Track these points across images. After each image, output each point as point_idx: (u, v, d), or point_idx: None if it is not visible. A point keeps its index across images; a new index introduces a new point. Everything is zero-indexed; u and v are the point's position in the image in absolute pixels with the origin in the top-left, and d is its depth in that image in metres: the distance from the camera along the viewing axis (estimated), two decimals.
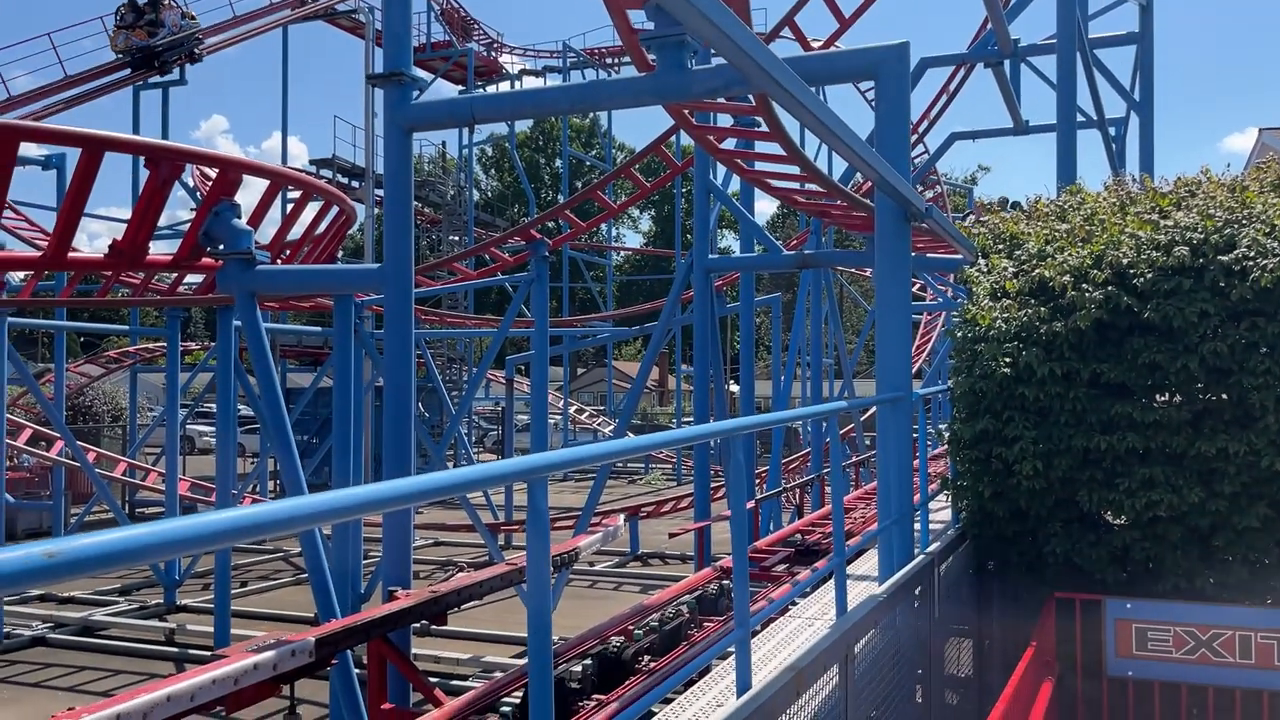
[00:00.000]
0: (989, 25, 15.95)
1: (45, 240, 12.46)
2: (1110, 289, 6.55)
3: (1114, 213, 7.30)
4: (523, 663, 7.95)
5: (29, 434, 18.68)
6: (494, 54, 37.67)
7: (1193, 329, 6.37)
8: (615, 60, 38.18)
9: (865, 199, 9.75)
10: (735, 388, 25.97)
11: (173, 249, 9.46)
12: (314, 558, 8.24)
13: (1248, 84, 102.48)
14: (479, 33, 37.19)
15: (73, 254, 8.73)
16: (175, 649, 12.39)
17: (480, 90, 34.81)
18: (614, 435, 17.13)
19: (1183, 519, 6.47)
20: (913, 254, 7.82)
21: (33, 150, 18.62)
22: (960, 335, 7.28)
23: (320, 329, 22.42)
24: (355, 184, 29.57)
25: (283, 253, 11.01)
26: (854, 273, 28.88)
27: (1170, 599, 6.54)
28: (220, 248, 8.42)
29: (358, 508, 2.07)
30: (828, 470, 13.40)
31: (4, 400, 13.21)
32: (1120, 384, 6.62)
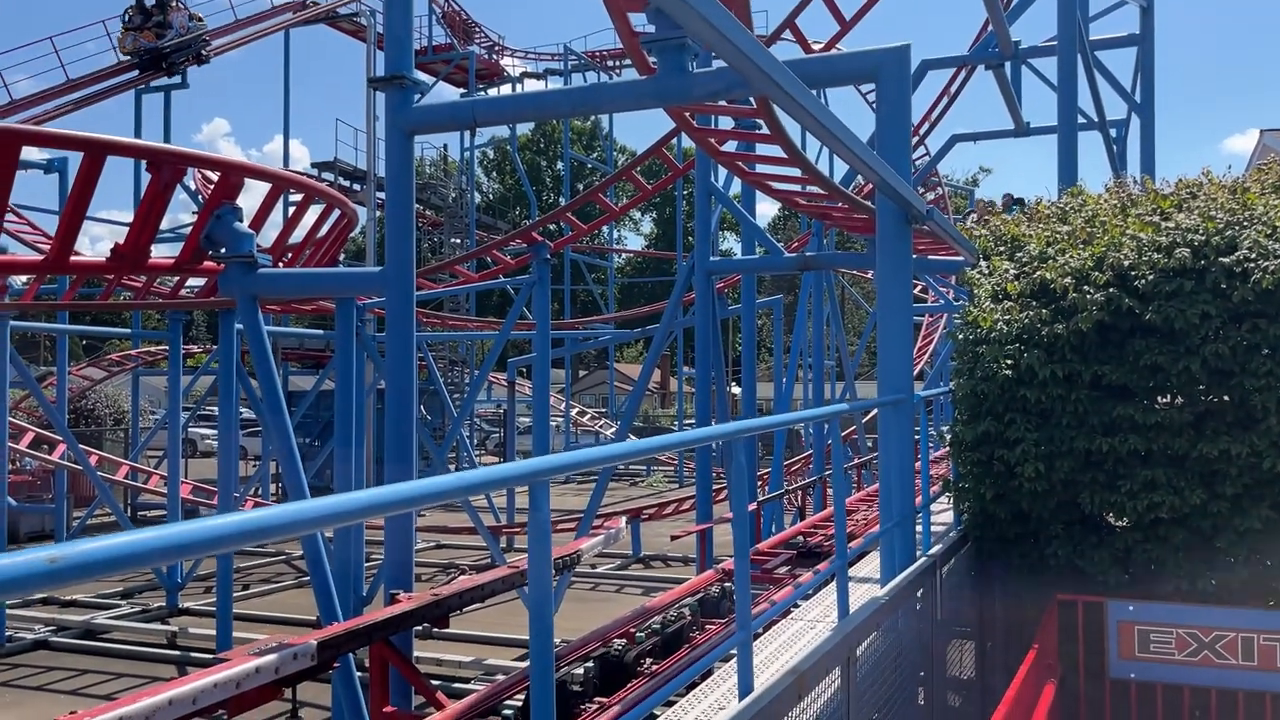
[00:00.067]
0: (990, 27, 15.96)
1: (47, 244, 12.48)
2: (1111, 291, 6.55)
3: (1115, 214, 7.30)
4: (525, 665, 7.94)
5: (31, 437, 18.70)
6: (495, 57, 37.70)
7: (1194, 331, 6.36)
8: (616, 63, 38.19)
9: (866, 201, 9.76)
10: (737, 390, 25.93)
11: (175, 252, 9.47)
12: (316, 561, 8.26)
13: (1249, 85, 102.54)
14: (480, 36, 37.22)
15: (75, 258, 8.75)
16: (177, 652, 12.40)
17: (482, 93, 34.83)
18: (616, 438, 17.13)
19: (1185, 521, 6.47)
20: (914, 256, 7.83)
21: (35, 154, 18.67)
22: (962, 337, 7.28)
23: (322, 332, 22.45)
24: (357, 187, 29.60)
25: (284, 256, 11.01)
26: (855, 275, 28.91)
27: (1173, 601, 6.53)
28: (222, 251, 8.44)
29: (360, 512, 2.07)
30: (829, 472, 13.39)
31: (6, 403, 13.23)
32: (1122, 386, 6.61)
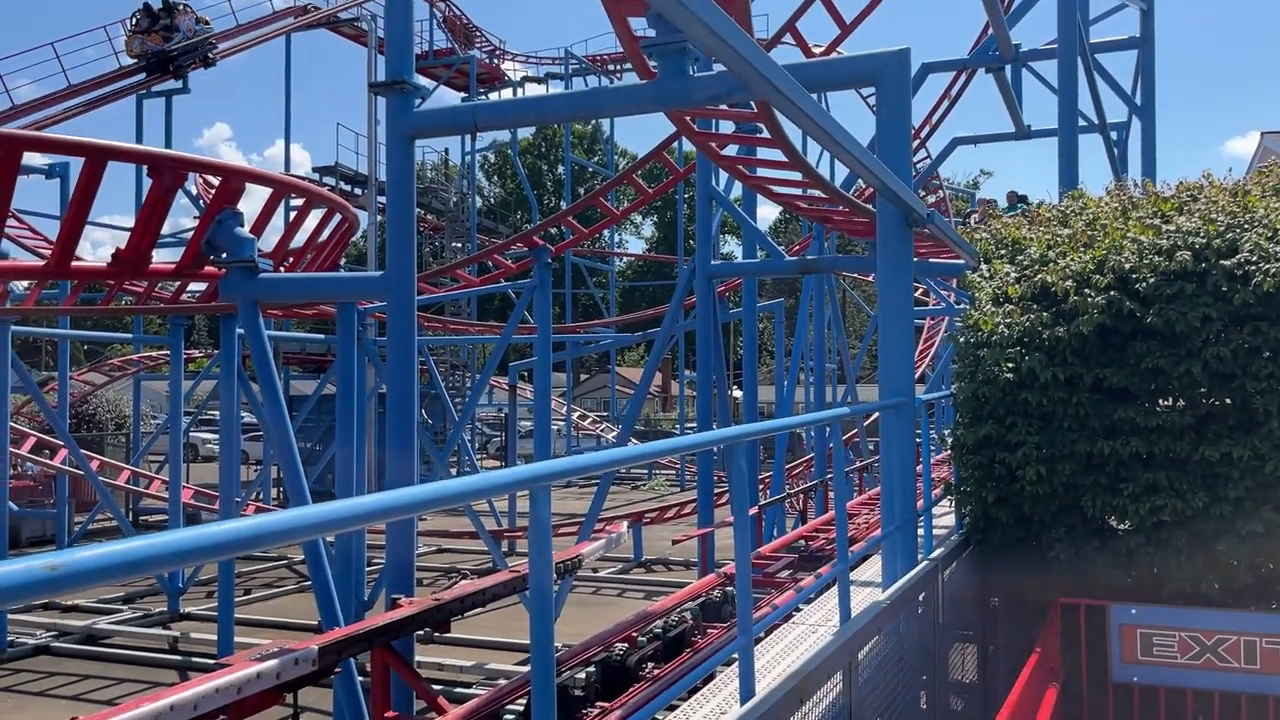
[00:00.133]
0: (990, 30, 15.96)
1: (49, 249, 12.50)
2: (1112, 294, 6.55)
3: (1116, 217, 7.30)
4: (526, 670, 7.94)
5: (33, 442, 18.69)
6: (496, 61, 37.74)
7: (1195, 334, 6.35)
8: (617, 67, 38.22)
9: (867, 204, 9.76)
10: (738, 393, 25.96)
11: (176, 257, 9.48)
12: (317, 565, 8.26)
13: (1249, 88, 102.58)
14: (481, 40, 37.27)
15: (76, 263, 8.75)
16: (179, 657, 12.39)
17: (483, 97, 34.86)
18: (617, 441, 17.13)
19: (1187, 524, 6.46)
20: (915, 259, 7.82)
21: (36, 159, 18.69)
22: (963, 340, 7.27)
23: (323, 336, 22.43)
24: (358, 191, 29.63)
25: (286, 260, 11.03)
26: (857, 278, 28.91)
27: (1175, 604, 6.52)
28: (223, 256, 8.44)
29: (362, 518, 2.07)
30: (831, 476, 13.38)
31: (8, 408, 13.23)
32: (1123, 389, 6.61)
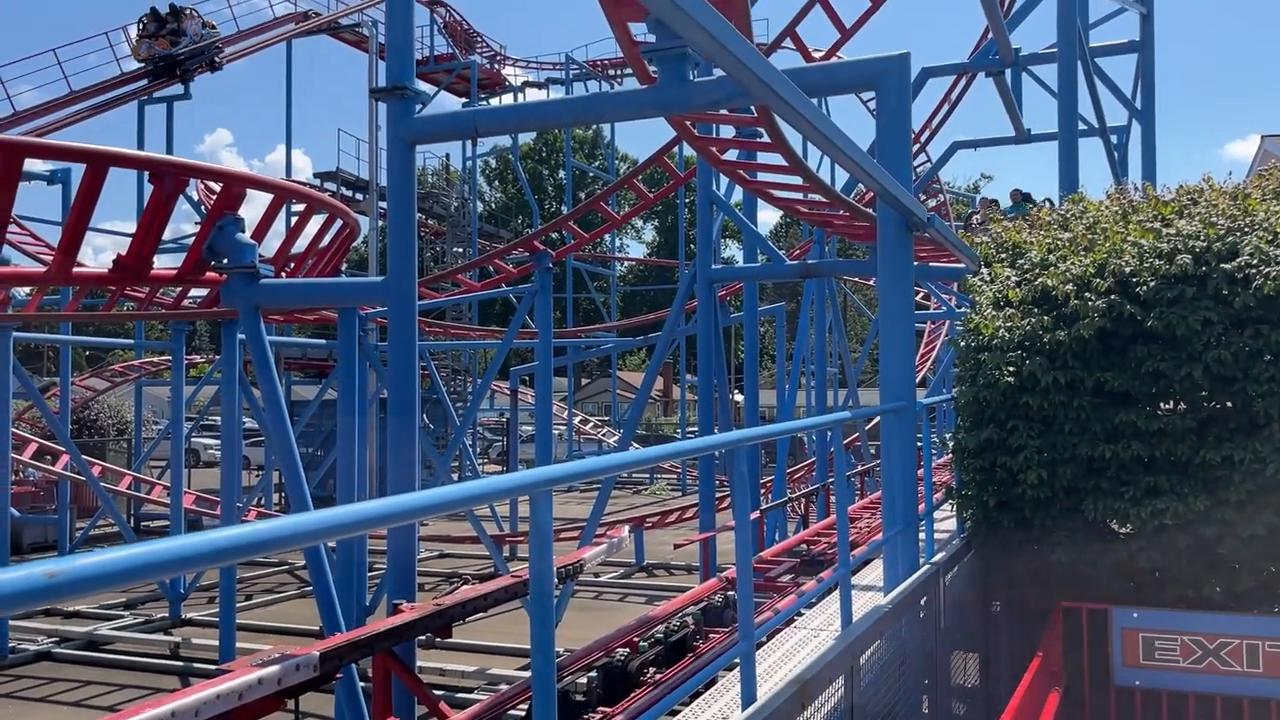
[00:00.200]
0: (990, 34, 15.97)
1: (50, 255, 12.50)
2: (1113, 297, 6.55)
3: (1116, 221, 7.30)
4: (528, 675, 7.93)
5: (34, 448, 18.70)
6: (497, 66, 37.77)
7: (1196, 337, 6.36)
8: (618, 72, 38.25)
9: (868, 209, 9.77)
10: (739, 397, 25.95)
11: (177, 263, 9.49)
12: (318, 571, 8.25)
13: (1249, 91, 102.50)
14: (482, 45, 37.31)
15: (77, 269, 8.74)
16: (180, 663, 12.37)
17: (483, 102, 34.92)
18: (619, 446, 17.13)
19: (1189, 527, 6.45)
20: (915, 263, 7.82)
21: (38, 165, 18.70)
22: (964, 344, 7.27)
23: (325, 341, 22.46)
24: (359, 197, 29.63)
25: (287, 266, 11.03)
26: (858, 282, 28.90)
27: (1177, 608, 6.52)
28: (224, 262, 8.45)
29: (363, 524, 2.07)
30: (832, 480, 13.37)
31: (9, 414, 13.24)
32: (1124, 392, 6.61)
